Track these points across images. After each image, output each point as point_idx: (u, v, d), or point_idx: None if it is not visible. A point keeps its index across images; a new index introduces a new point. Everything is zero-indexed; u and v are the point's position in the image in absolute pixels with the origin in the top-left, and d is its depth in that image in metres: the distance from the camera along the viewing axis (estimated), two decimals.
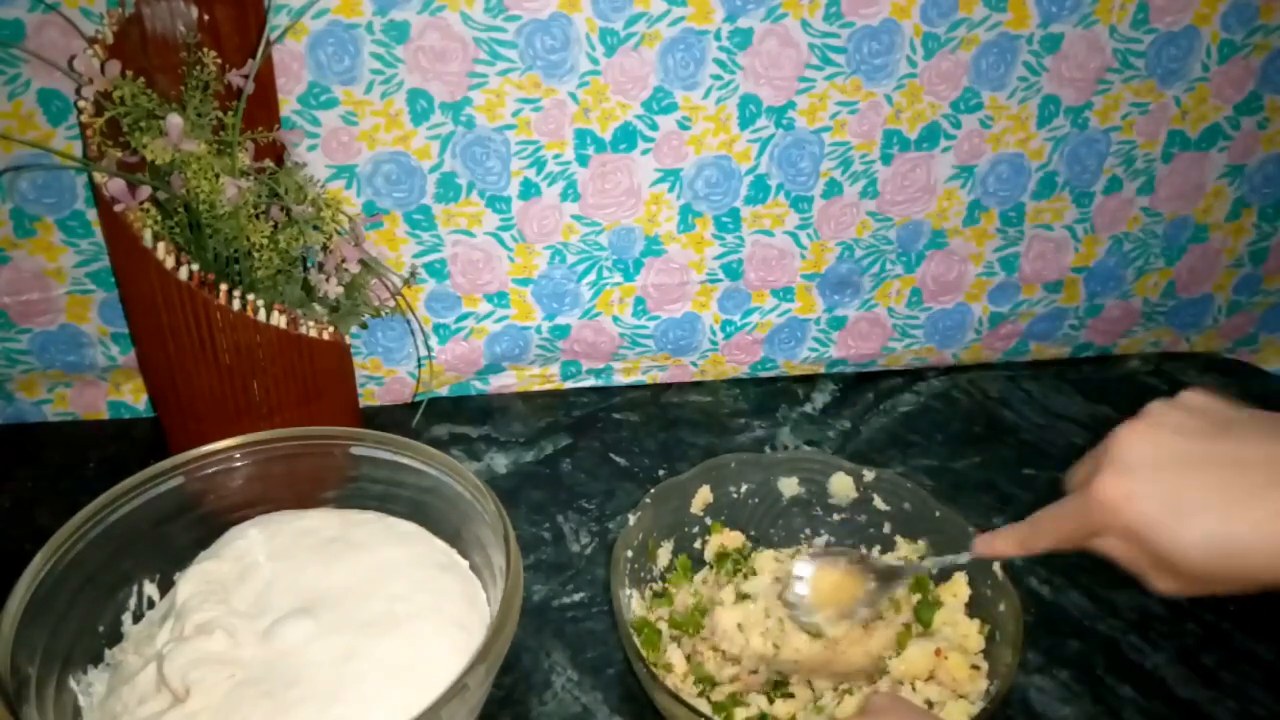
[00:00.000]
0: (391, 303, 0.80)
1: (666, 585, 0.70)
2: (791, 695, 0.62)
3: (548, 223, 0.85)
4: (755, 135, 0.83)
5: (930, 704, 0.60)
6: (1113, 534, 0.44)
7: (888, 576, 0.61)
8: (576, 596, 0.73)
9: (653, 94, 0.79)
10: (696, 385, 0.97)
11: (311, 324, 0.73)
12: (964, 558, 0.59)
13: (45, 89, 0.72)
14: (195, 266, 0.67)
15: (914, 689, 0.62)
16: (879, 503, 0.72)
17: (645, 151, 0.82)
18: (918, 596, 0.68)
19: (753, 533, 0.74)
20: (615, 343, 0.92)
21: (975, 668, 0.63)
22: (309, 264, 0.76)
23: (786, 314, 0.94)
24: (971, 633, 0.65)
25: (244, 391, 0.72)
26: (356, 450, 0.67)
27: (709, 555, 0.72)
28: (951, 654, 0.63)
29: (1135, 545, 0.44)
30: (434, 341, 0.89)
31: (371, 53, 0.74)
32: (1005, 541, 0.53)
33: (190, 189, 0.65)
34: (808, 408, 0.94)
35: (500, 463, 0.86)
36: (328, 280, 0.73)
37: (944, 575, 0.68)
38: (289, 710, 0.53)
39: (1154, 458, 0.43)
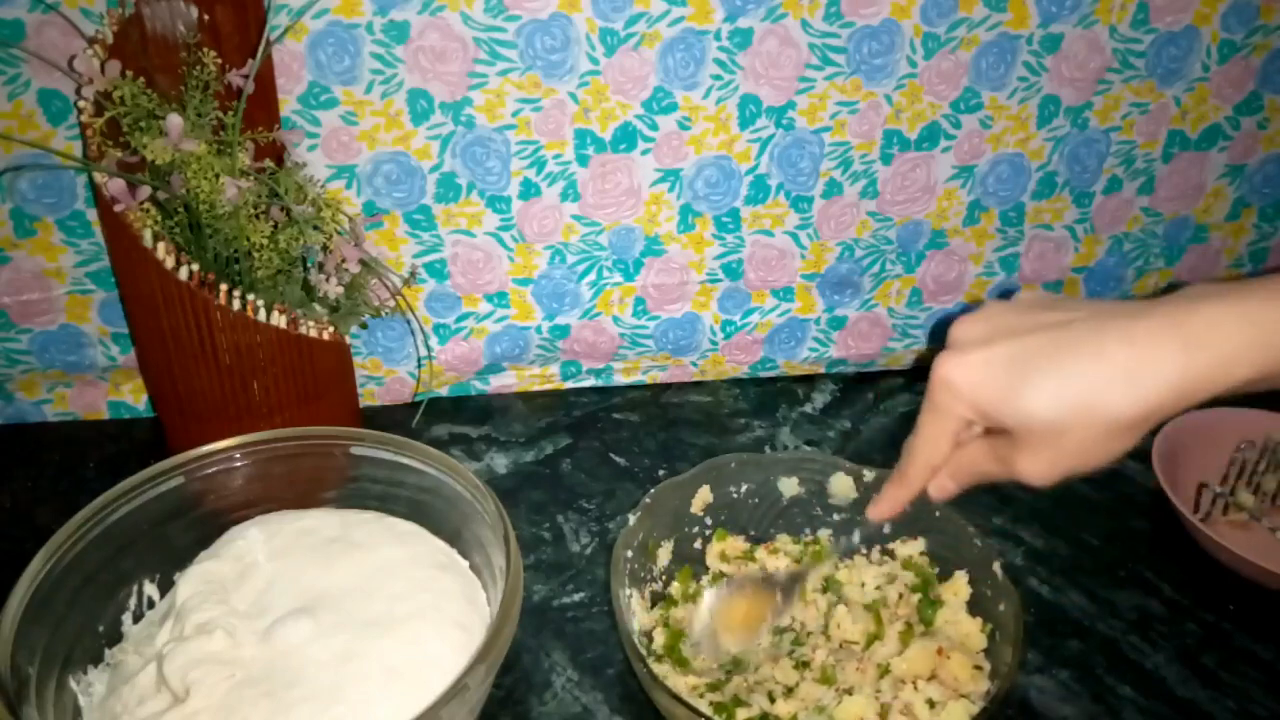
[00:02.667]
0: (391, 303, 0.80)
1: (668, 596, 0.70)
2: (792, 693, 0.62)
3: (548, 223, 0.85)
4: (755, 135, 0.83)
5: (932, 703, 0.60)
6: (963, 416, 0.45)
7: (790, 583, 0.62)
8: (576, 596, 0.73)
9: (653, 94, 0.79)
10: (696, 385, 0.97)
11: (311, 324, 0.73)
12: (857, 534, 0.61)
13: (45, 89, 0.72)
14: (195, 266, 0.67)
15: (916, 688, 0.62)
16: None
17: (645, 151, 0.82)
18: (919, 596, 0.68)
19: (753, 533, 0.74)
20: (615, 343, 0.92)
21: (978, 667, 0.63)
22: (309, 264, 0.76)
23: (786, 314, 0.94)
24: (974, 631, 0.65)
25: (244, 391, 0.72)
26: (356, 450, 0.67)
27: (710, 562, 0.72)
28: (954, 653, 0.63)
29: (986, 421, 0.44)
30: (434, 341, 0.89)
31: (371, 53, 0.74)
32: (886, 498, 0.53)
33: (190, 189, 0.65)
34: (808, 408, 0.94)
35: (500, 463, 0.86)
36: (328, 280, 0.73)
37: (943, 573, 0.68)
38: (289, 710, 0.53)
39: (986, 334, 0.44)
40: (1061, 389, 0.41)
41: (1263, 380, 0.40)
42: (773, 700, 0.62)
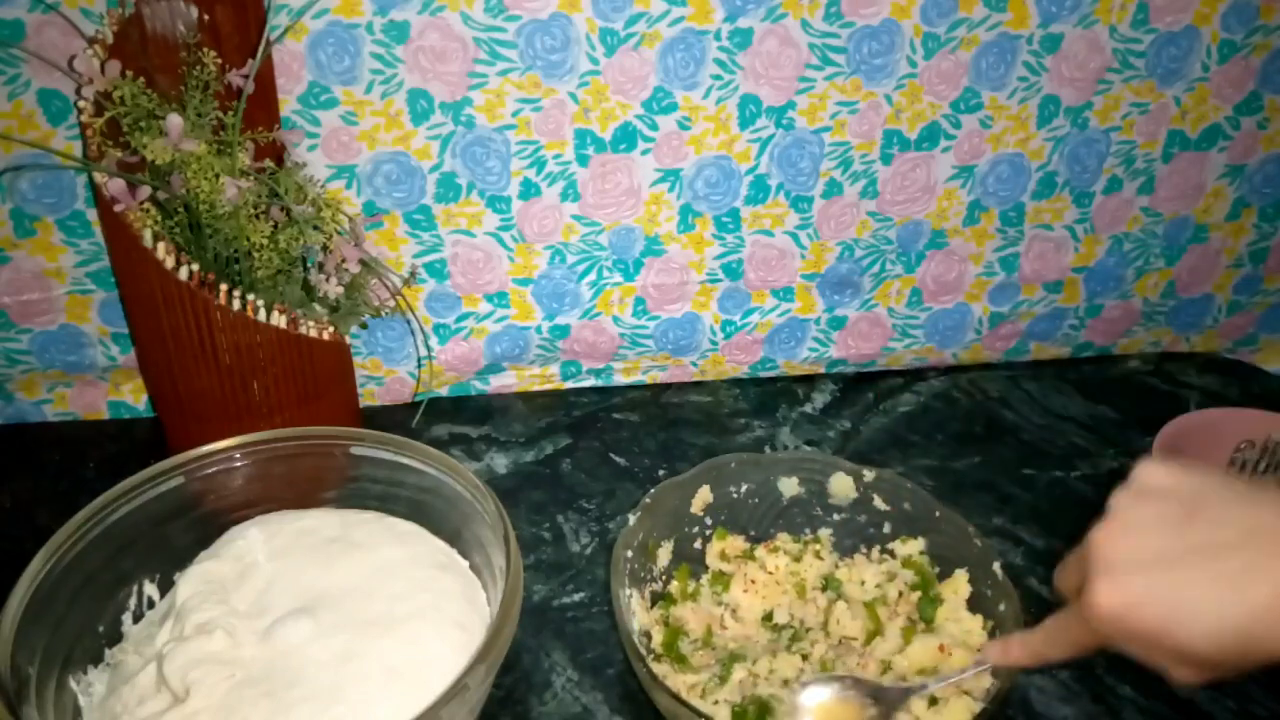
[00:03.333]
0: (391, 303, 0.80)
1: (668, 595, 0.70)
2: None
3: (548, 223, 0.85)
4: (755, 135, 0.83)
5: (934, 700, 0.60)
6: (1114, 637, 0.44)
7: (890, 700, 0.59)
8: (576, 596, 0.73)
9: (653, 94, 0.79)
10: (696, 385, 0.97)
11: (311, 324, 0.73)
12: (975, 670, 0.58)
13: (45, 89, 0.72)
14: (195, 266, 0.67)
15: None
16: (879, 503, 0.72)
17: (645, 151, 0.82)
18: (919, 594, 0.68)
19: (753, 533, 0.74)
20: (615, 343, 0.92)
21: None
22: (309, 264, 0.76)
23: (786, 314, 0.94)
24: (975, 628, 0.65)
25: (244, 391, 0.72)
26: (356, 450, 0.67)
27: (710, 561, 0.72)
28: (956, 649, 0.63)
29: (1148, 647, 0.43)
30: (434, 341, 0.89)
31: (371, 53, 0.74)
32: (1020, 650, 0.52)
33: (190, 189, 0.65)
34: (808, 408, 0.94)
35: (500, 463, 0.86)
36: (328, 280, 0.73)
37: (944, 573, 0.69)
38: (289, 710, 0.53)
39: (1139, 559, 0.42)
40: (1228, 627, 0.40)
41: None
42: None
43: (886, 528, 0.72)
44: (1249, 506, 0.42)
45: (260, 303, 0.70)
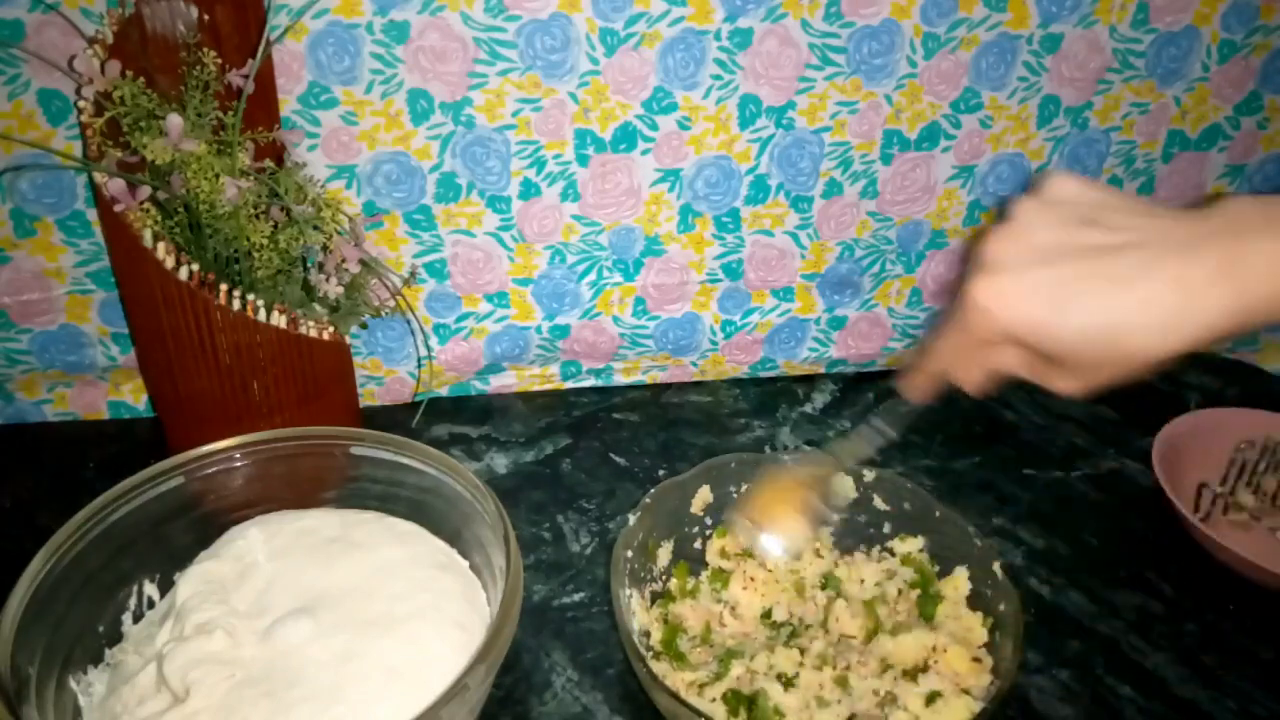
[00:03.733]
0: (391, 303, 0.80)
1: (667, 593, 0.70)
2: (793, 682, 0.63)
3: (548, 223, 0.85)
4: (755, 135, 0.83)
5: (933, 696, 0.60)
6: (998, 339, 0.43)
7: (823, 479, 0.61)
8: (576, 596, 0.73)
9: (653, 94, 0.79)
10: (696, 385, 0.97)
11: (311, 324, 0.73)
12: (899, 411, 0.58)
13: (45, 89, 0.72)
14: (195, 266, 0.67)
15: (916, 680, 0.62)
16: (879, 503, 0.72)
17: (645, 151, 0.82)
18: (918, 592, 0.68)
19: None
20: (615, 343, 0.92)
21: (976, 660, 0.63)
22: (309, 264, 0.76)
23: (786, 314, 0.94)
24: (975, 625, 0.65)
25: (244, 391, 0.72)
26: (356, 450, 0.67)
27: (710, 558, 0.72)
28: (951, 647, 0.63)
29: (1021, 347, 0.43)
30: (434, 341, 0.89)
31: (371, 53, 0.74)
32: (913, 380, 0.52)
33: (190, 189, 0.65)
34: (808, 408, 0.94)
35: (500, 463, 0.86)
36: (328, 280, 0.73)
37: (943, 572, 0.69)
38: (289, 710, 0.53)
39: (1023, 255, 0.42)
40: (1101, 325, 0.40)
41: None
42: (785, 684, 0.62)
43: (886, 527, 0.72)
44: (1146, 218, 0.42)
45: (260, 303, 0.70)
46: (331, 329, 0.75)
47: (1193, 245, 0.40)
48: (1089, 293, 0.40)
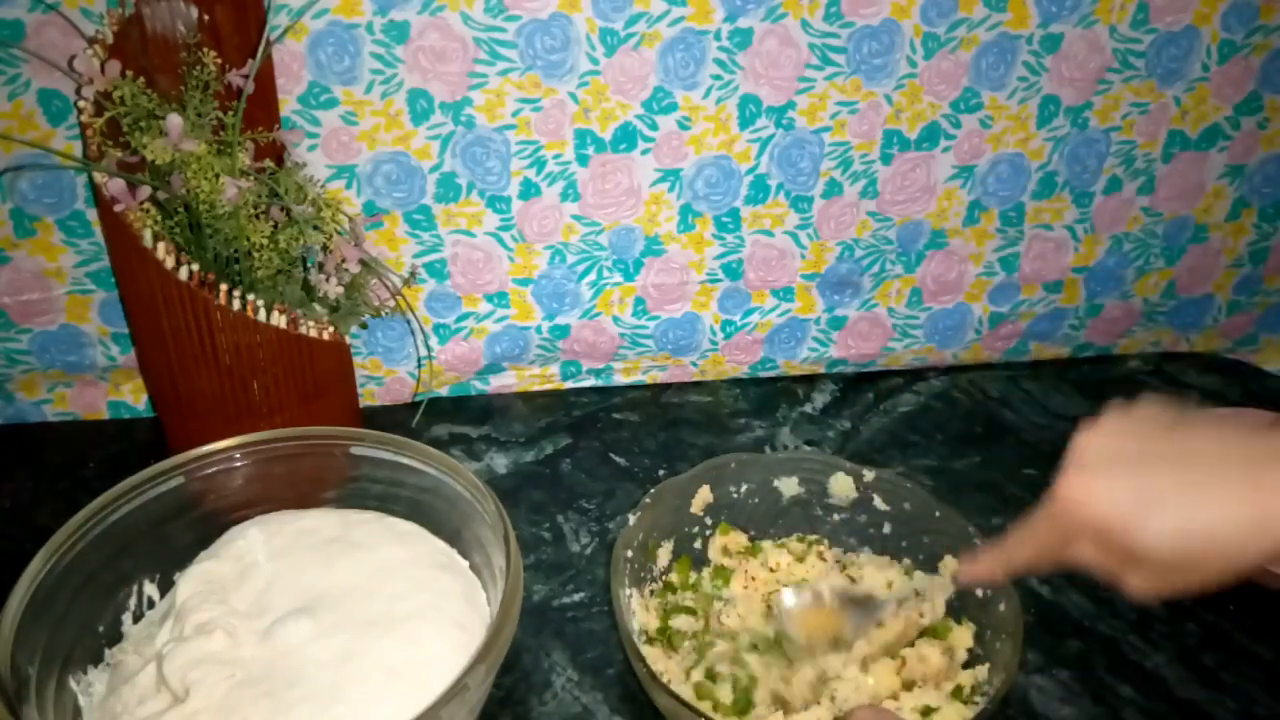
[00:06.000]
0: (391, 303, 0.80)
1: (667, 583, 0.70)
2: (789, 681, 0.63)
3: (548, 223, 0.85)
4: (755, 135, 0.83)
5: (928, 711, 0.60)
6: (1082, 534, 0.45)
7: (868, 607, 0.62)
8: (576, 596, 0.73)
9: (653, 94, 0.79)
10: (696, 385, 0.97)
11: (311, 324, 0.73)
12: (950, 587, 0.62)
13: (45, 89, 0.72)
14: (195, 266, 0.67)
15: (911, 690, 0.62)
16: (879, 503, 0.72)
17: (645, 151, 0.82)
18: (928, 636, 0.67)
19: (753, 533, 0.74)
20: (615, 343, 0.92)
21: (947, 653, 0.64)
22: (309, 264, 0.76)
23: (786, 314, 0.94)
24: (933, 655, 0.64)
25: (244, 391, 0.72)
26: (356, 450, 0.67)
27: (712, 555, 0.72)
28: (919, 642, 0.64)
29: (1104, 544, 0.45)
30: (434, 341, 0.89)
31: (371, 53, 0.74)
32: (987, 563, 0.54)
33: (190, 189, 0.65)
34: (808, 408, 0.94)
35: (500, 463, 0.86)
36: (328, 280, 0.73)
37: (922, 556, 0.69)
38: (289, 710, 0.53)
39: (1112, 456, 0.45)
40: (1185, 530, 0.42)
41: None
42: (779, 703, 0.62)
43: (886, 528, 0.72)
44: (1229, 429, 0.44)
45: (260, 303, 0.70)
46: (331, 329, 0.75)
47: (1269, 459, 0.41)
48: (1172, 498, 0.42)
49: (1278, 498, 0.40)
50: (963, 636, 0.65)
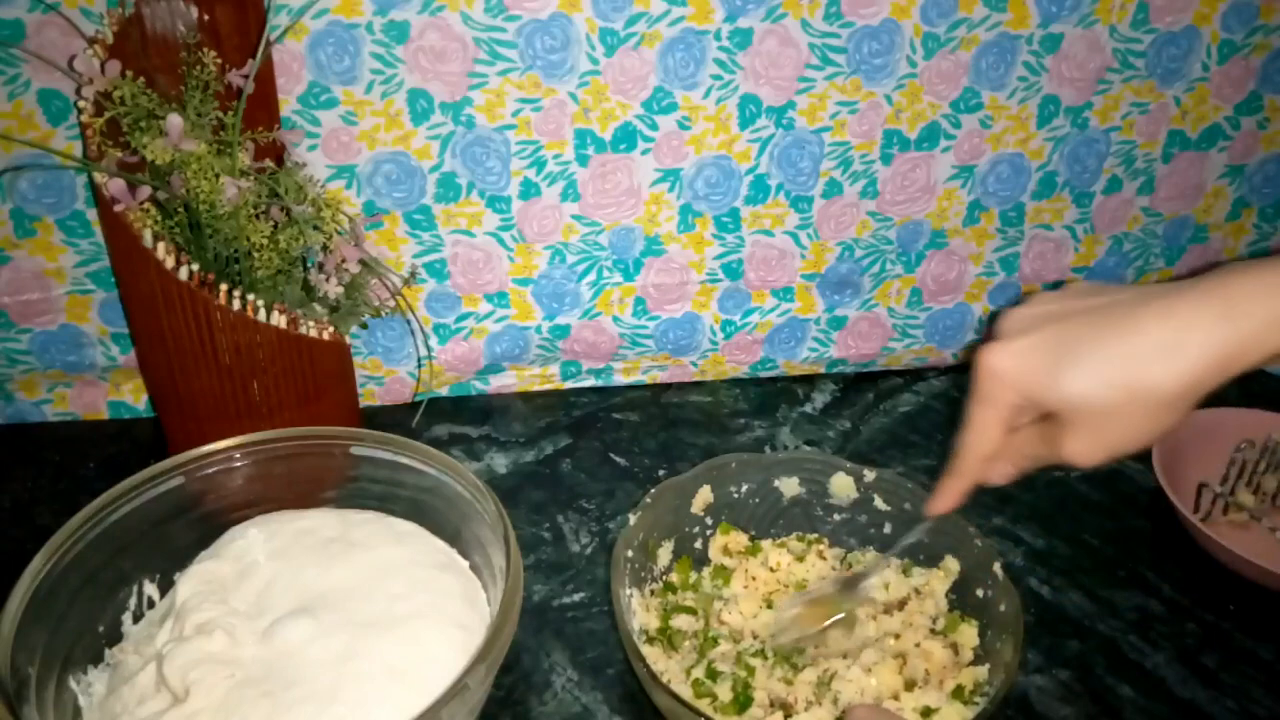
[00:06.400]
0: (391, 303, 0.80)
1: (667, 583, 0.70)
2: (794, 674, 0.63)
3: (548, 223, 0.85)
4: (755, 135, 0.83)
5: (928, 711, 0.60)
6: (1011, 405, 0.45)
7: (852, 586, 0.63)
8: (576, 596, 0.73)
9: (653, 94, 0.79)
10: (696, 385, 0.97)
11: (311, 324, 0.73)
12: (921, 528, 0.62)
13: (45, 89, 0.72)
14: (195, 266, 0.67)
15: (911, 691, 0.62)
16: (879, 503, 0.72)
17: (645, 151, 0.82)
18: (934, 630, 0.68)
19: (753, 533, 0.74)
20: (615, 343, 0.92)
21: (953, 649, 0.64)
22: (309, 264, 0.76)
23: (786, 314, 0.94)
24: (936, 650, 0.65)
25: (244, 391, 0.72)
26: (356, 450, 0.67)
27: (712, 555, 0.72)
28: (923, 641, 0.64)
29: (1034, 409, 0.45)
30: (434, 341, 0.89)
31: (371, 53, 0.74)
32: (946, 491, 0.54)
33: (190, 189, 0.65)
34: (808, 408, 0.94)
35: (500, 463, 0.86)
36: (328, 280, 0.73)
37: (923, 556, 0.70)
38: (289, 710, 0.53)
39: (1030, 321, 0.45)
40: (1103, 368, 0.42)
41: None
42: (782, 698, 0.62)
43: (887, 528, 0.72)
44: (1132, 286, 0.45)
45: (260, 303, 0.70)
46: (331, 329, 0.75)
47: (1180, 288, 0.42)
48: (1086, 341, 0.43)
49: (1187, 317, 0.41)
50: (968, 634, 0.65)
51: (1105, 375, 0.42)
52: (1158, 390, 0.41)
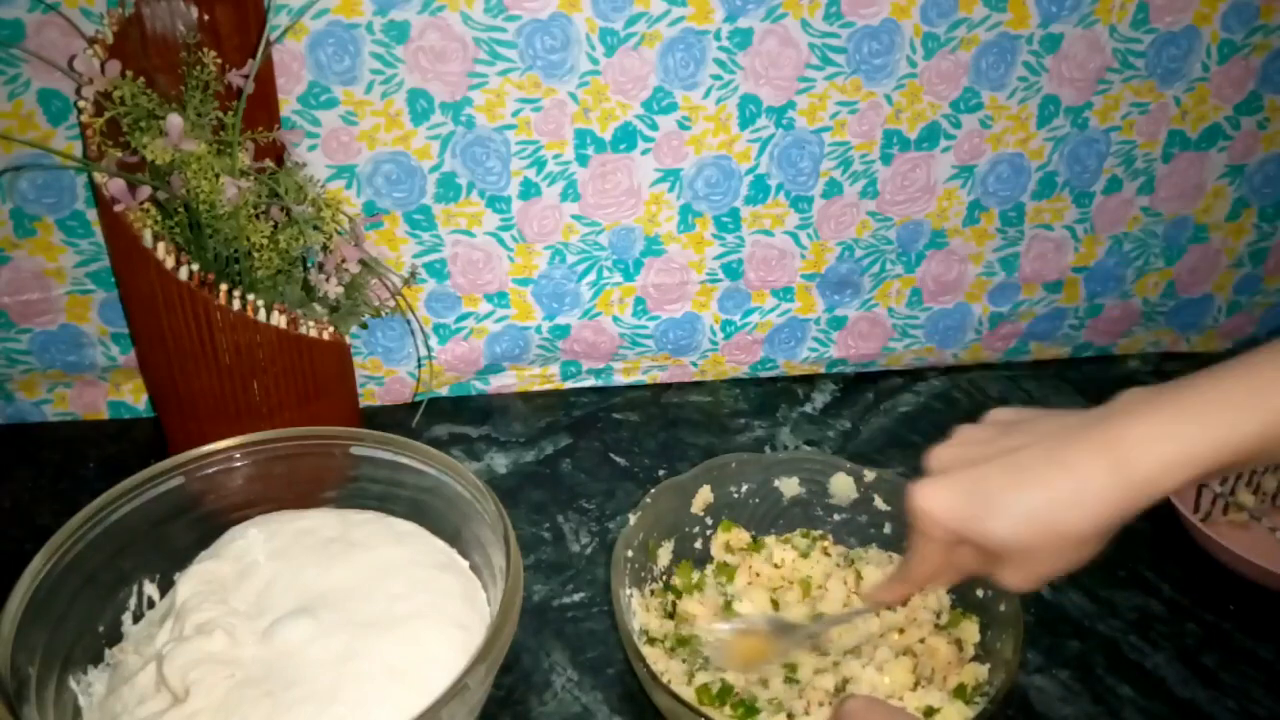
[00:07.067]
0: (391, 303, 0.80)
1: (672, 586, 0.70)
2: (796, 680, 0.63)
3: (548, 223, 0.85)
4: (755, 135, 0.83)
5: (931, 710, 0.60)
6: (943, 540, 0.49)
7: (800, 637, 0.63)
8: (576, 596, 0.73)
9: (653, 94, 0.79)
10: (696, 385, 0.97)
11: (311, 324, 0.73)
12: (859, 613, 0.65)
13: (45, 89, 0.72)
14: (195, 266, 0.67)
15: (914, 690, 0.62)
16: (879, 503, 0.72)
17: (645, 151, 0.82)
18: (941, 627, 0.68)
19: (753, 533, 0.74)
20: (615, 343, 0.92)
21: (957, 645, 0.64)
22: (309, 264, 0.76)
23: (786, 314, 0.94)
24: (940, 646, 0.65)
25: (244, 391, 0.72)
26: (356, 450, 0.67)
27: (714, 552, 0.72)
28: (928, 637, 0.64)
29: (966, 545, 0.48)
30: (434, 341, 0.89)
31: (371, 53, 0.74)
32: (887, 589, 0.57)
33: (190, 189, 0.65)
34: (808, 408, 0.94)
35: (500, 463, 0.86)
36: (328, 280, 0.73)
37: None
38: (289, 710, 0.53)
39: (952, 463, 0.48)
40: (1018, 516, 0.45)
41: (1201, 479, 0.44)
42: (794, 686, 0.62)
43: (887, 528, 0.72)
44: (1049, 421, 0.48)
45: (260, 303, 0.70)
46: (331, 329, 0.75)
47: (1082, 431, 0.45)
48: (1004, 487, 0.46)
49: (1084, 468, 0.44)
50: (970, 629, 0.65)
51: (1023, 521, 0.45)
52: (1070, 533, 0.45)
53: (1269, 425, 0.42)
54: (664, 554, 0.71)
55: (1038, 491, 0.45)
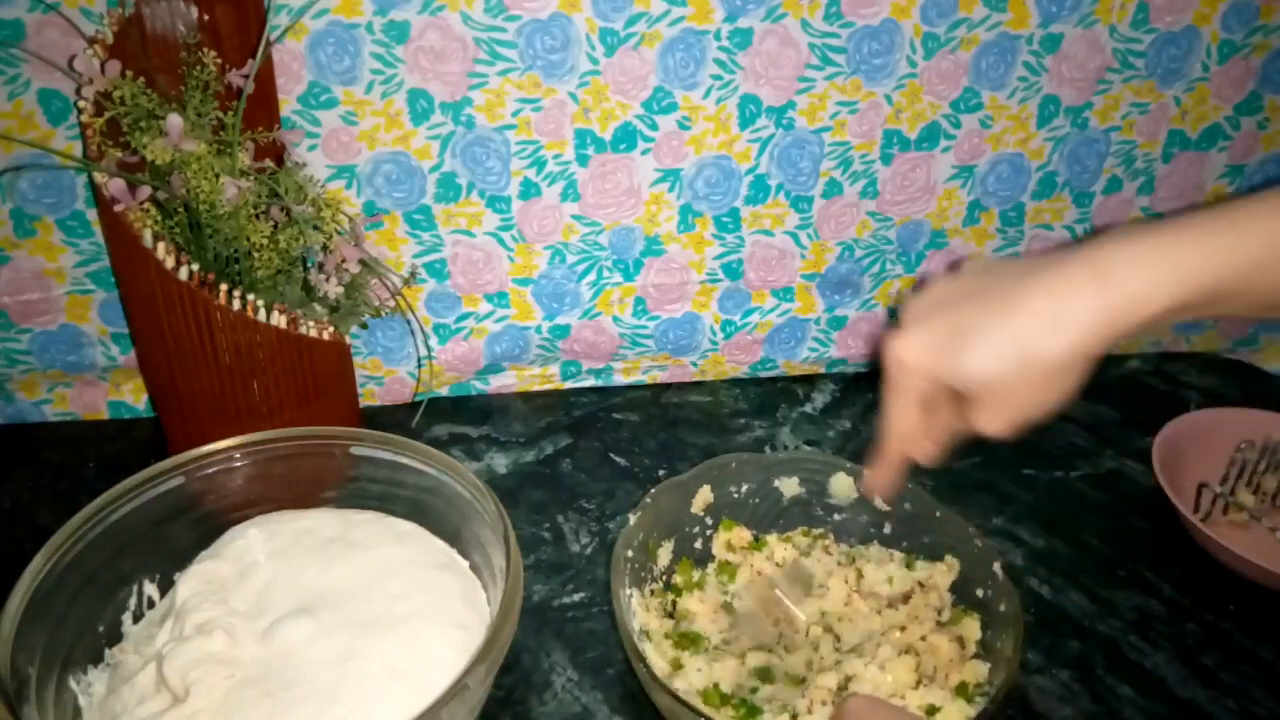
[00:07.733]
0: (391, 303, 0.80)
1: (672, 586, 0.70)
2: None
3: (548, 223, 0.85)
4: (755, 135, 0.83)
5: (932, 710, 0.60)
6: (918, 390, 0.48)
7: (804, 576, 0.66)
8: (576, 596, 0.73)
9: (653, 94, 0.79)
10: (696, 385, 0.97)
11: (311, 324, 0.73)
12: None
13: (45, 89, 0.72)
14: (195, 266, 0.67)
15: (917, 689, 0.62)
16: (879, 503, 0.72)
17: (645, 151, 0.82)
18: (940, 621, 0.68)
19: (753, 533, 0.74)
20: (615, 343, 0.92)
21: (958, 642, 0.64)
22: (309, 264, 0.76)
23: (786, 314, 0.94)
24: (942, 643, 0.65)
25: (244, 391, 0.72)
26: (356, 450, 0.67)
27: (715, 551, 0.72)
28: (930, 635, 0.64)
29: (943, 395, 0.48)
30: (434, 341, 0.89)
31: (371, 53, 0.74)
32: (876, 473, 0.57)
33: (190, 189, 0.65)
34: (808, 408, 0.94)
35: (500, 463, 0.86)
36: (328, 280, 0.73)
37: (923, 556, 0.70)
38: (289, 710, 0.53)
39: (927, 308, 0.48)
40: (995, 348, 0.45)
41: (1180, 312, 0.43)
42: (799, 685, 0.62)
43: (887, 528, 0.72)
44: (1028, 260, 0.47)
45: (260, 303, 0.70)
46: (331, 329, 0.75)
47: (1060, 262, 0.45)
48: (979, 323, 0.45)
49: (1066, 289, 0.43)
50: (972, 627, 0.65)
51: (999, 352, 0.44)
52: (1048, 359, 0.44)
53: (1268, 248, 0.42)
54: (664, 554, 0.71)
55: (1017, 319, 0.44)
